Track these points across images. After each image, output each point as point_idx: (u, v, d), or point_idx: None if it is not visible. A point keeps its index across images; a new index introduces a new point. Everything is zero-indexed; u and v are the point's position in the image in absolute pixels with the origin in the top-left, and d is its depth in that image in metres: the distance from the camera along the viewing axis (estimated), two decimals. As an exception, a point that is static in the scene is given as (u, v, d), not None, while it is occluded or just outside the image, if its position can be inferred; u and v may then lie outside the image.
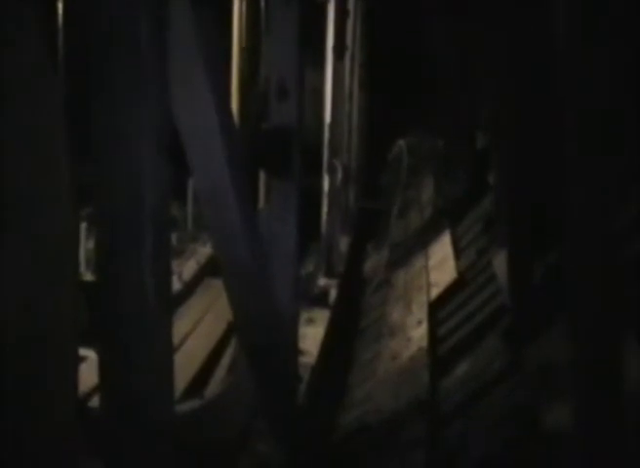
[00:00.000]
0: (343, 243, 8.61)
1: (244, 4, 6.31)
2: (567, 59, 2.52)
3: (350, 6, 9.46)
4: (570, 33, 2.49)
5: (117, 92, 1.57)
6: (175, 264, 6.95)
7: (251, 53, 6.46)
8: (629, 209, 3.50)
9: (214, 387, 5.16)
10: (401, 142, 9.78)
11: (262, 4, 6.13)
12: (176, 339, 5.25)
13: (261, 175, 5.92)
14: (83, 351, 2.11)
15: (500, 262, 4.65)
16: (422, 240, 7.58)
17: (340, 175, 8.34)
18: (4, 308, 1.39)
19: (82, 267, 5.77)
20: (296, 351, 4.19)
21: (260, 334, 3.36)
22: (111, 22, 1.61)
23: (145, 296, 1.59)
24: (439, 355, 4.65)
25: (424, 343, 4.83)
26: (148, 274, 1.56)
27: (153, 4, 1.62)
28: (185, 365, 5.33)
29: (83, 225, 5.83)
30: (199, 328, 6.23)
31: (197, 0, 2.23)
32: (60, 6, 3.81)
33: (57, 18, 3.88)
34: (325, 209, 7.86)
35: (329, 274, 7.49)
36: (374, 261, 8.32)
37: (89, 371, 2.22)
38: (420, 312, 5.58)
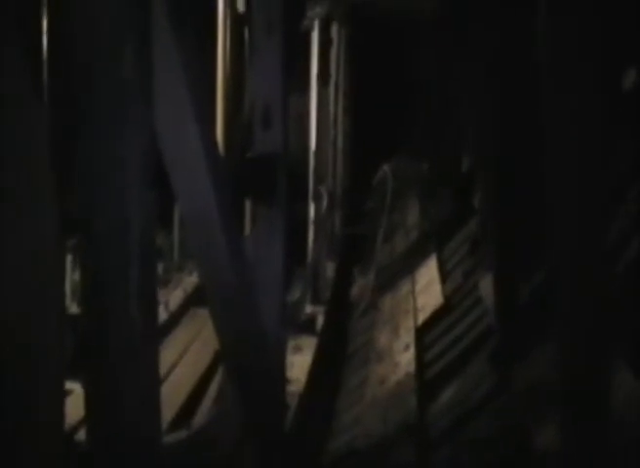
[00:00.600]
0: (330, 268, 8.61)
1: (228, 33, 6.35)
2: (549, 85, 2.55)
3: (334, 34, 9.55)
4: (553, 59, 2.53)
5: (101, 122, 1.57)
6: (161, 294, 6.92)
7: (236, 81, 6.49)
8: (616, 225, 3.53)
9: (201, 417, 5.13)
10: (385, 167, 9.82)
11: (246, 33, 6.17)
12: (162, 370, 5.22)
13: (247, 202, 5.93)
14: (69, 384, 2.10)
15: (486, 285, 4.66)
16: (409, 264, 7.60)
17: (325, 202, 8.36)
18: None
19: (68, 299, 5.74)
20: (283, 379, 4.17)
21: (247, 362, 3.35)
22: (95, 53, 1.62)
23: (132, 330, 1.59)
24: (427, 379, 4.65)
25: (412, 368, 4.83)
26: (135, 307, 1.56)
27: (137, 35, 1.63)
28: (172, 395, 5.30)
29: (69, 257, 5.80)
30: (186, 357, 6.19)
31: (181, 29, 2.24)
32: (45, 36, 3.84)
33: (41, 47, 3.90)
34: (311, 235, 7.88)
35: (315, 300, 7.49)
36: (360, 286, 8.33)
37: (75, 405, 2.21)
38: (407, 337, 5.58)
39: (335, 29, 9.58)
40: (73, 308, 5.42)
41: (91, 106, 1.61)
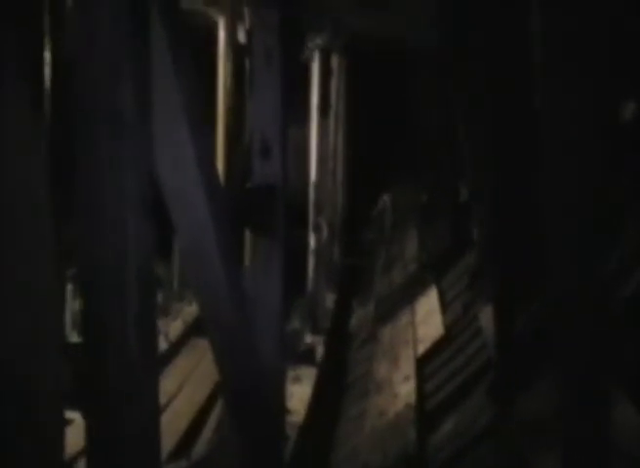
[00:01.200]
0: (329, 299, 8.60)
1: (229, 64, 6.40)
2: (547, 118, 2.57)
3: (334, 65, 9.61)
4: (547, 94, 2.55)
5: (101, 154, 1.59)
6: (160, 324, 6.91)
7: (236, 111, 6.53)
8: (616, 255, 3.53)
9: (201, 447, 5.10)
10: (385, 198, 9.85)
11: (247, 64, 6.22)
12: (162, 399, 5.19)
13: (247, 233, 5.94)
14: (69, 414, 2.09)
15: (485, 316, 4.66)
16: (408, 294, 7.59)
17: (325, 233, 8.38)
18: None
19: (67, 329, 5.72)
20: (283, 410, 4.15)
21: (247, 394, 3.33)
22: (95, 86, 1.63)
23: (131, 360, 1.59)
24: (426, 411, 4.63)
25: (412, 399, 4.80)
26: (133, 337, 1.56)
27: (136, 68, 1.65)
28: (172, 425, 5.27)
29: (68, 286, 5.80)
30: (185, 388, 6.17)
31: (181, 62, 2.26)
32: (47, 67, 3.87)
33: (43, 78, 3.93)
34: (311, 265, 7.88)
35: (315, 331, 7.47)
36: (359, 317, 8.31)
37: (75, 434, 2.20)
38: (407, 368, 5.56)
39: (335, 60, 9.65)
40: (74, 337, 5.41)
41: (90, 138, 1.62)
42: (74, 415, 3.08)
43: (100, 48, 1.62)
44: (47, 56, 4.12)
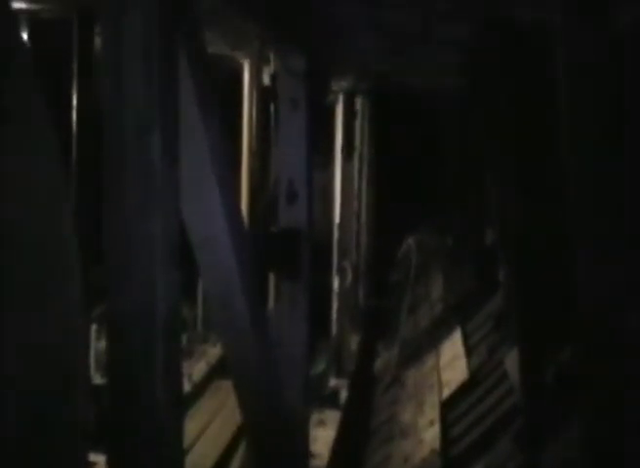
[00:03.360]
0: (354, 341, 8.56)
1: (254, 106, 6.46)
2: (573, 162, 2.57)
3: (358, 107, 9.67)
4: (571, 133, 2.55)
5: (129, 201, 1.60)
6: (184, 365, 6.90)
7: (261, 155, 6.58)
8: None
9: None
10: (410, 240, 9.83)
11: (272, 108, 6.28)
12: (185, 442, 5.17)
13: (271, 276, 5.96)
14: (93, 456, 2.08)
15: (511, 361, 4.60)
16: (433, 337, 7.53)
17: (349, 276, 8.37)
18: (11, 413, 1.39)
19: (91, 369, 5.73)
20: (307, 455, 4.12)
21: (271, 438, 3.31)
22: (124, 134, 1.65)
23: (157, 407, 1.58)
24: (452, 457, 4.56)
25: (437, 445, 4.74)
26: (160, 385, 1.56)
27: (166, 117, 1.67)
28: (195, 469, 5.24)
29: (93, 327, 5.81)
30: (208, 431, 6.14)
31: (209, 107, 2.29)
32: (74, 114, 3.93)
33: (71, 125, 4.00)
34: (335, 307, 7.86)
35: (339, 374, 7.43)
36: (384, 360, 8.25)
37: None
38: (431, 412, 5.50)
39: (359, 102, 9.71)
40: (97, 379, 5.41)
41: (118, 185, 1.64)
42: (98, 458, 3.07)
43: (129, 96, 1.64)
44: (74, 101, 4.20)
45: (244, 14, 3.17)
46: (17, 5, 4.00)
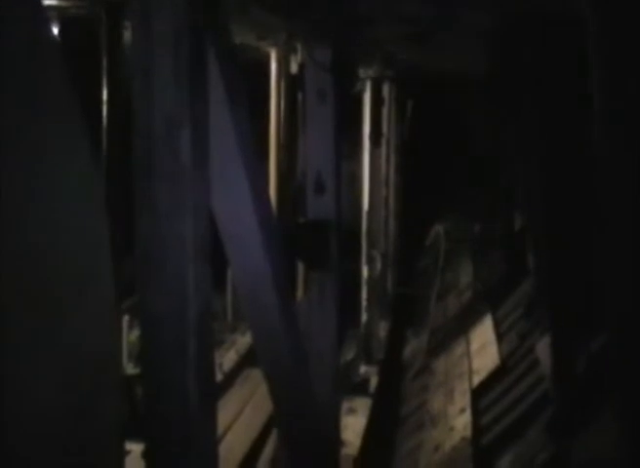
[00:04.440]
0: (383, 328, 8.56)
1: (281, 99, 6.45)
2: (604, 147, 2.55)
3: (385, 94, 9.62)
4: (604, 117, 2.53)
5: (159, 199, 1.61)
6: (215, 355, 6.92)
7: (288, 147, 6.57)
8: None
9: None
10: (438, 227, 9.80)
11: (299, 100, 6.27)
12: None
13: (299, 266, 5.97)
14: (127, 445, 2.11)
15: (542, 349, 4.59)
16: (463, 324, 7.52)
17: (378, 265, 8.35)
18: (47, 403, 1.41)
19: (124, 360, 5.78)
20: (338, 442, 4.14)
21: (301, 426, 3.34)
22: (154, 131, 1.67)
23: (190, 399, 1.60)
24: (483, 445, 4.56)
25: (468, 433, 4.74)
26: (192, 382, 1.58)
27: (196, 114, 1.68)
28: (227, 459, 5.27)
29: (125, 318, 5.86)
30: (240, 420, 6.18)
31: (238, 102, 2.30)
32: (105, 115, 3.96)
33: (101, 126, 4.03)
34: (364, 295, 7.86)
35: (369, 361, 7.44)
36: (413, 347, 8.25)
37: (132, 466, 2.22)
38: (462, 400, 5.50)
39: (386, 89, 9.67)
40: (129, 369, 5.46)
41: (149, 183, 1.66)
42: (132, 446, 3.10)
43: (159, 95, 1.66)
44: (104, 97, 4.22)
45: (272, 8, 3.17)
46: (47, 2, 4.03)
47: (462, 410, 5.25)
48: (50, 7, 4.20)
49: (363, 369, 7.31)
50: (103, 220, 1.52)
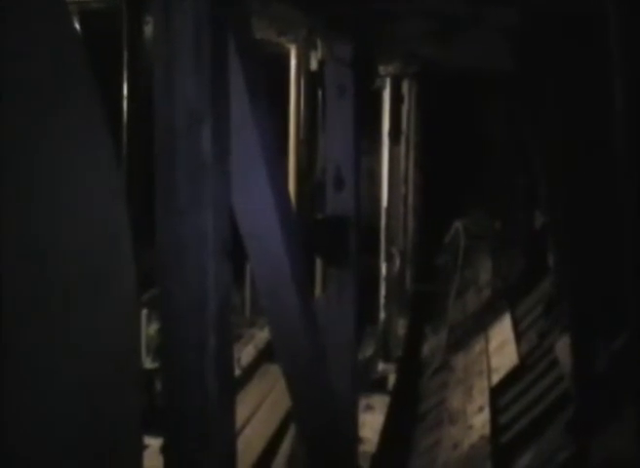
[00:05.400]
0: (401, 326, 8.55)
1: (301, 95, 6.44)
2: (625, 145, 2.53)
3: (405, 91, 9.61)
4: (627, 117, 2.50)
5: (180, 195, 1.61)
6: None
7: (307, 142, 6.57)
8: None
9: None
10: (457, 224, 9.77)
11: (319, 94, 6.26)
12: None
13: (318, 263, 5.97)
14: (146, 439, 2.11)
15: (562, 347, 4.56)
16: (482, 322, 7.49)
17: (397, 261, 8.34)
18: (67, 398, 1.41)
19: (142, 354, 5.81)
20: (355, 440, 4.14)
21: (319, 422, 3.33)
22: (175, 127, 1.67)
23: (208, 395, 1.60)
24: (502, 444, 4.54)
25: (487, 431, 4.72)
26: (211, 379, 1.58)
27: (217, 110, 1.67)
28: (244, 454, 5.28)
29: (143, 311, 5.88)
30: (258, 415, 6.19)
31: (257, 99, 2.29)
32: (125, 108, 3.98)
33: (122, 123, 4.05)
34: (382, 292, 7.85)
35: (387, 358, 7.43)
36: (432, 344, 8.23)
37: (150, 460, 2.23)
38: (481, 398, 5.47)
39: (406, 86, 9.65)
40: (147, 363, 5.48)
41: (170, 179, 1.65)
42: (150, 441, 3.11)
43: (180, 90, 1.65)
44: (124, 92, 4.24)
45: (293, 3, 3.17)
46: (68, -4, 4.04)
47: (481, 409, 5.23)
48: (71, 1, 4.22)
49: (381, 366, 7.30)
50: (124, 214, 1.52)
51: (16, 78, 1.27)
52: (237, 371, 6.88)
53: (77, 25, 4.49)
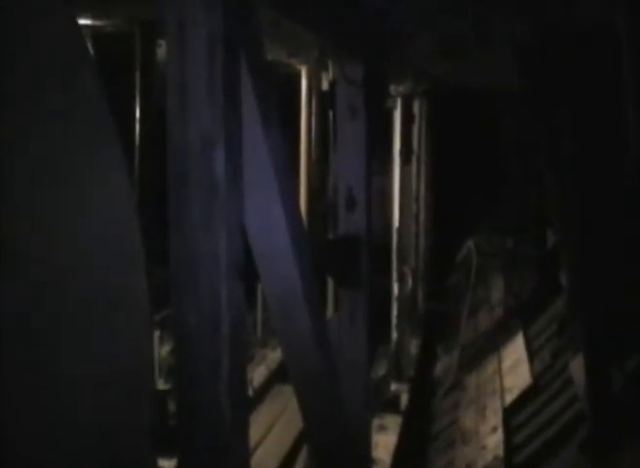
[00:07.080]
0: (414, 345, 8.52)
1: (312, 115, 6.47)
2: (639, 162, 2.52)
3: (416, 110, 9.62)
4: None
5: (193, 217, 1.62)
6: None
7: (319, 162, 6.58)
8: None
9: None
10: (470, 243, 9.75)
11: (330, 114, 6.29)
12: (246, 447, 5.18)
13: (330, 283, 5.97)
14: (160, 462, 2.11)
15: (576, 367, 4.53)
16: (494, 341, 7.46)
17: (409, 281, 8.33)
18: (81, 419, 1.41)
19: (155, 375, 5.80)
20: (369, 461, 4.11)
21: (332, 443, 3.32)
22: (188, 149, 1.68)
23: (222, 417, 1.60)
24: (515, 464, 4.51)
25: (500, 452, 4.69)
26: (226, 405, 1.57)
27: (230, 131, 1.68)
28: (257, 475, 5.26)
29: (156, 332, 5.88)
30: (270, 436, 6.17)
31: (270, 120, 2.30)
32: (138, 130, 4.01)
33: (134, 143, 4.09)
34: (395, 311, 7.83)
35: (400, 378, 7.40)
36: (444, 364, 8.20)
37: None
38: (494, 418, 5.44)
39: (417, 105, 9.67)
40: (160, 384, 5.48)
41: (182, 200, 1.66)
42: (164, 463, 3.11)
43: (193, 112, 1.66)
44: (137, 114, 4.28)
45: (304, 24, 3.19)
46: (82, 21, 4.09)
47: (494, 429, 5.20)
48: (85, 26, 4.26)
49: (394, 386, 7.27)
50: (139, 234, 1.53)
51: (31, 103, 1.28)
52: (249, 392, 6.87)
53: (91, 48, 4.53)
